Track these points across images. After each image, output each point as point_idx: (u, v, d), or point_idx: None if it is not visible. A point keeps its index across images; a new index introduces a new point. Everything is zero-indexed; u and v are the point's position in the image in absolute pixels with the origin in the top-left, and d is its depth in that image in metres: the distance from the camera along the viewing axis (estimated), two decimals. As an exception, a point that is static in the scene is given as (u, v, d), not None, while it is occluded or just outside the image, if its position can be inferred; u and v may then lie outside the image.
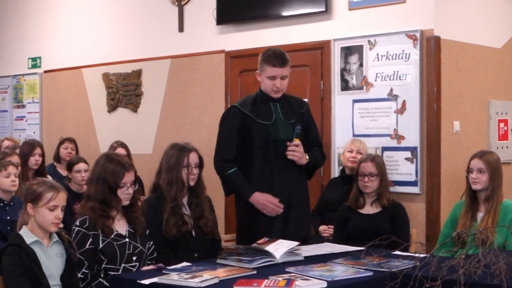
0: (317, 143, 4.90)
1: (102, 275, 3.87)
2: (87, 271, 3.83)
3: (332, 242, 4.78)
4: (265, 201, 4.57)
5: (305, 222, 4.83)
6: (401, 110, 5.72)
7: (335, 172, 6.08)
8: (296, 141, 4.60)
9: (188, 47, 7.26)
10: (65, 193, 3.72)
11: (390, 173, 5.64)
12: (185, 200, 4.43)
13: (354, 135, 5.94)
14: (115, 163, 4.02)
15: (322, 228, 5.51)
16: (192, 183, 4.41)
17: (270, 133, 4.65)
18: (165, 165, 4.42)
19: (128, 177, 4.01)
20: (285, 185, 4.65)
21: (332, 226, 5.31)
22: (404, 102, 5.71)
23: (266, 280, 3.21)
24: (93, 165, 4.16)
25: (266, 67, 4.65)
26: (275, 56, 4.65)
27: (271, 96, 4.70)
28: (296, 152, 4.60)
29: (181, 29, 7.32)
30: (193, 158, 4.41)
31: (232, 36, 6.88)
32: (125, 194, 4.00)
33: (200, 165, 4.46)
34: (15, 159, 5.78)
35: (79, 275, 3.79)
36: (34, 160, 6.16)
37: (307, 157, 4.68)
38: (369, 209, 5.10)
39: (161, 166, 4.46)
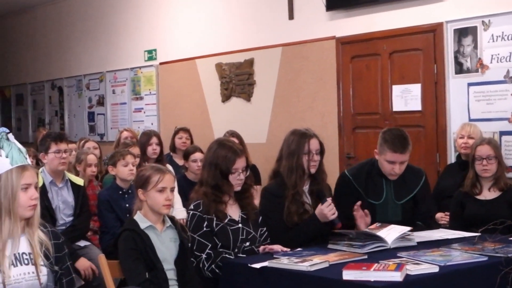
0: (428, 214, 4.67)
1: (224, 253, 3.88)
2: (211, 251, 3.87)
3: (449, 229, 4.68)
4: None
5: None
6: (519, 92, 5.53)
7: (451, 158, 5.95)
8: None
9: (298, 35, 7.25)
10: (172, 175, 3.80)
11: (509, 158, 5.47)
12: (306, 188, 4.35)
13: (470, 120, 5.79)
14: (226, 149, 4.04)
15: (438, 215, 5.40)
16: (313, 170, 4.30)
17: (378, 213, 4.46)
18: (286, 151, 4.32)
19: (240, 163, 4.01)
20: None
21: (449, 213, 5.20)
22: (521, 84, 5.52)
23: (376, 264, 3.19)
24: (206, 151, 4.21)
25: (386, 151, 4.38)
26: (397, 141, 4.35)
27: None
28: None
29: (291, 16, 7.33)
30: (314, 144, 4.29)
31: (343, 21, 6.82)
32: (236, 179, 4.02)
33: (321, 151, 4.35)
34: (135, 150, 5.97)
35: (203, 255, 3.85)
36: (152, 150, 6.30)
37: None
38: (486, 194, 4.95)
39: (282, 152, 4.37)
